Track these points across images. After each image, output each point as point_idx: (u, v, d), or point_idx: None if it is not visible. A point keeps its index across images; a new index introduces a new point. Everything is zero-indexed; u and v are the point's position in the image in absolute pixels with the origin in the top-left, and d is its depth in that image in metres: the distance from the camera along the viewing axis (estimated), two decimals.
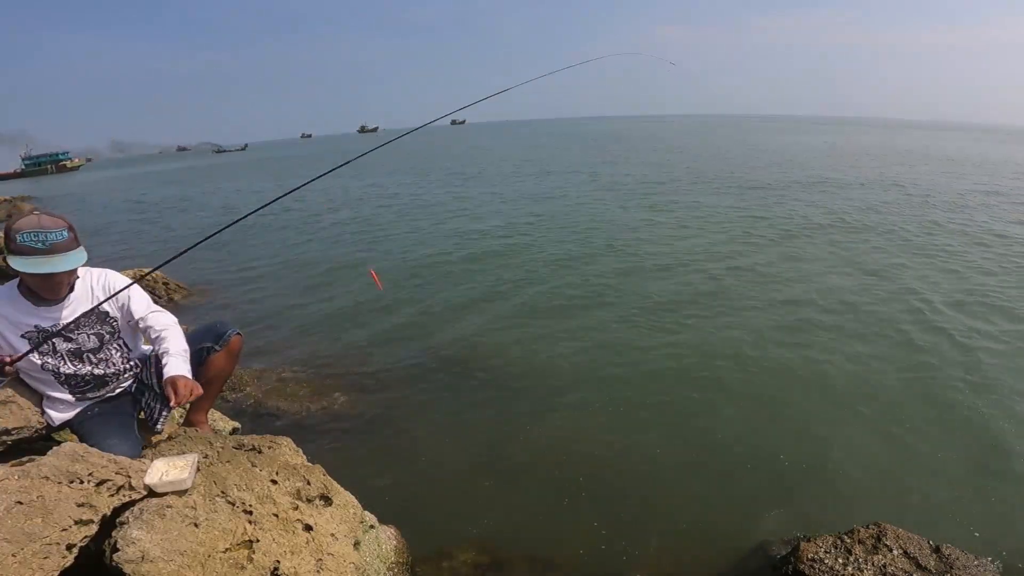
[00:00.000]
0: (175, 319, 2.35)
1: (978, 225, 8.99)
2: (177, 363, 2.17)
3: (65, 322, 2.14)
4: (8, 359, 2.04)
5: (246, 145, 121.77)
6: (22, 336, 2.09)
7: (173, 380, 2.10)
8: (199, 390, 2.13)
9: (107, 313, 2.25)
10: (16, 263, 1.97)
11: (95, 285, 2.24)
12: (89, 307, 2.20)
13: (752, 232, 8.81)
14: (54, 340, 2.14)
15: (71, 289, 2.17)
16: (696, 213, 10.62)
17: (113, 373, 2.32)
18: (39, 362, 2.14)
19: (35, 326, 2.10)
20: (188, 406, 2.53)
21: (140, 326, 2.29)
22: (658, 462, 3.21)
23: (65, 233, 2.02)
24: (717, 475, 3.08)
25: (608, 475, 3.09)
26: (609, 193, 13.70)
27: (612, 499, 2.90)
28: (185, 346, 2.27)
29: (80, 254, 2.08)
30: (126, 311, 2.28)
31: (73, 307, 2.18)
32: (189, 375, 2.18)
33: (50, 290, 2.10)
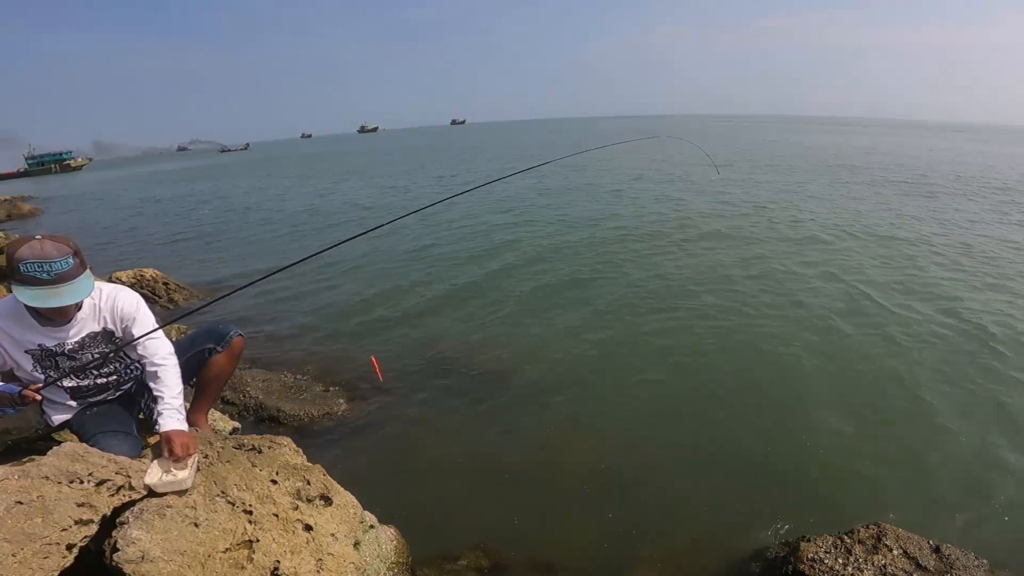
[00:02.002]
0: (172, 349, 2.26)
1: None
2: (172, 416, 2.08)
3: (71, 342, 2.11)
4: (34, 389, 1.99)
5: (248, 145, 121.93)
6: (25, 352, 2.06)
7: (169, 437, 2.00)
8: (195, 448, 2.04)
9: (112, 333, 2.21)
10: (21, 295, 1.89)
11: (103, 306, 2.16)
12: (96, 327, 2.15)
13: (769, 233, 8.78)
14: (57, 359, 2.11)
15: (78, 308, 2.11)
16: (682, 213, 10.61)
17: (115, 380, 2.31)
18: (42, 377, 2.11)
19: (39, 345, 2.07)
20: (188, 406, 2.53)
21: (137, 350, 2.20)
22: (657, 464, 3.21)
23: (71, 260, 1.93)
24: (717, 476, 3.08)
25: (608, 476, 3.09)
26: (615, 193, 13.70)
27: (612, 500, 2.90)
28: (180, 389, 2.18)
29: (87, 281, 2.00)
30: (128, 333, 2.21)
31: (79, 327, 2.12)
32: (185, 427, 2.10)
33: (59, 315, 2.05)
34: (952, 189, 12.97)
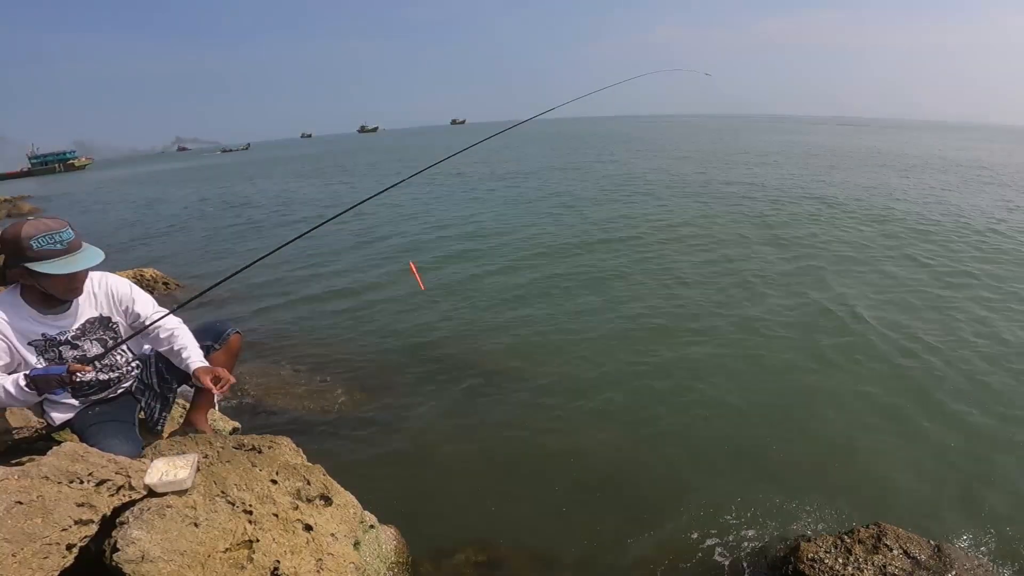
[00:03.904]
0: (180, 319, 2.36)
1: None
2: (202, 356, 2.28)
3: (72, 329, 2.13)
4: (76, 372, 1.98)
5: (248, 145, 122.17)
6: (29, 344, 2.07)
7: (212, 370, 2.20)
8: (232, 378, 2.22)
9: (110, 319, 2.23)
10: (43, 267, 1.91)
11: (97, 291, 2.20)
12: (93, 312, 2.18)
13: (764, 234, 8.78)
14: (60, 348, 2.12)
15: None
16: (669, 212, 10.60)
17: (116, 377, 2.32)
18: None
19: (42, 335, 2.08)
20: (188, 406, 2.54)
21: (147, 324, 2.26)
22: (658, 462, 3.21)
23: (72, 231, 1.99)
24: (717, 475, 3.08)
25: (607, 475, 3.09)
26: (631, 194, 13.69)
27: (612, 499, 2.90)
28: (197, 345, 2.33)
29: (92, 248, 2.06)
30: (131, 314, 2.26)
31: (79, 313, 2.15)
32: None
33: (73, 290, 2.08)
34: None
